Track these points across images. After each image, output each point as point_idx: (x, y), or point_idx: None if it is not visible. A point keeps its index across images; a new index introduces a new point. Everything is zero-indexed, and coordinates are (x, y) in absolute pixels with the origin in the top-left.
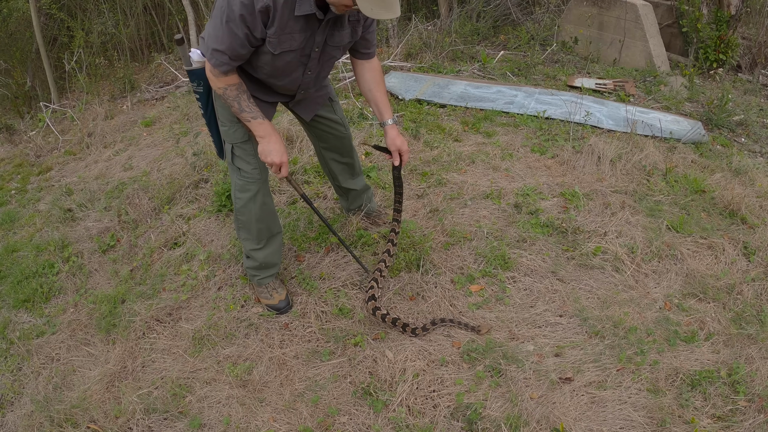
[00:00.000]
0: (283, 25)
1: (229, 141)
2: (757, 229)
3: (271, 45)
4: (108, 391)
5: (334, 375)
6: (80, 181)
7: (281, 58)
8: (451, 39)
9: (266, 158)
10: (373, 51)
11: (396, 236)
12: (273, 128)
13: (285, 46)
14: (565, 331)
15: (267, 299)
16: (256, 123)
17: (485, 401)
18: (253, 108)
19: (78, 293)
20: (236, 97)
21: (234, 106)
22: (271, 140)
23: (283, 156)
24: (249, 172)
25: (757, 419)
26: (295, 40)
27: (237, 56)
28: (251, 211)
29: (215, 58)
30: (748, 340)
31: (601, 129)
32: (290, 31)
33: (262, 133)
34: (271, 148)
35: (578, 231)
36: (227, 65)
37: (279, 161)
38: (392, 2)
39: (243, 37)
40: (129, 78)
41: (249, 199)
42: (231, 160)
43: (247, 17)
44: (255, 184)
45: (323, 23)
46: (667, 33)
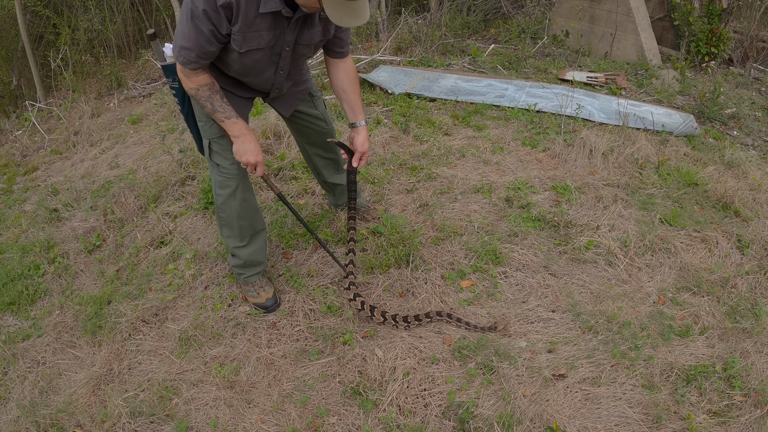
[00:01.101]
0: (249, 22)
1: (207, 136)
2: (750, 222)
3: (236, 43)
4: (94, 394)
5: (322, 374)
6: (66, 180)
7: (249, 57)
8: (441, 32)
9: (241, 158)
10: (347, 50)
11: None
12: (247, 127)
13: (252, 44)
14: (558, 326)
15: (254, 298)
16: (230, 123)
17: (477, 399)
18: (226, 108)
19: (64, 295)
20: (209, 97)
21: (207, 106)
22: (246, 140)
23: (257, 155)
24: (227, 167)
25: (754, 414)
26: (263, 38)
27: (205, 53)
28: (232, 207)
29: (183, 56)
30: (743, 333)
31: (592, 122)
32: (257, 29)
33: (237, 133)
34: (246, 147)
35: (570, 225)
36: (195, 63)
37: (254, 161)
38: (361, 9)
39: (208, 34)
40: (116, 75)
41: (229, 196)
42: (209, 155)
43: (210, 13)
44: (234, 180)
45: (293, 21)
46: (659, 26)
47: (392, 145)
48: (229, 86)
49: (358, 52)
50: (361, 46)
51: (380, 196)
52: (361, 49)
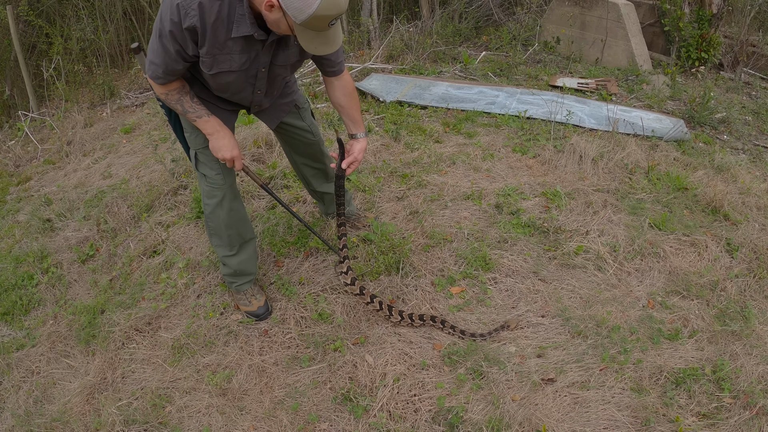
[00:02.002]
0: (219, 45)
1: (193, 147)
2: (740, 226)
3: (205, 65)
4: (88, 403)
5: (314, 381)
6: (59, 190)
7: (220, 78)
8: (432, 40)
9: (217, 154)
10: (339, 68)
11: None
12: (220, 124)
13: (223, 66)
14: (547, 331)
15: (246, 306)
16: (202, 121)
17: (467, 404)
18: (197, 107)
19: (57, 304)
20: (179, 99)
21: (178, 108)
22: (220, 136)
23: (233, 150)
24: (213, 177)
25: (743, 416)
26: (234, 61)
27: (172, 71)
28: (219, 217)
29: (152, 71)
30: (732, 336)
31: (583, 128)
32: (229, 52)
33: (210, 130)
34: (221, 143)
35: (560, 230)
36: (163, 78)
37: (230, 156)
38: (333, 37)
39: (175, 54)
40: (108, 84)
41: (216, 205)
42: (196, 166)
43: (176, 34)
44: (220, 189)
45: (267, 44)
46: (650, 32)
47: (383, 153)
48: (212, 99)
49: (351, 60)
50: (353, 54)
51: (371, 204)
52: (353, 58)
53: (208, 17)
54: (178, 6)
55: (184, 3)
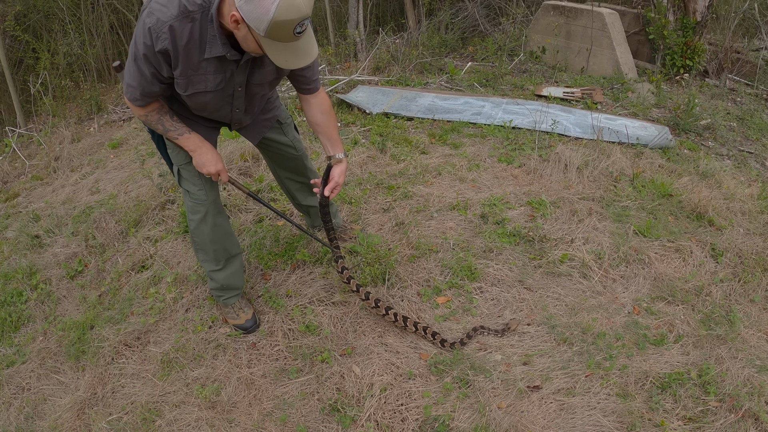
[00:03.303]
0: (193, 66)
1: (176, 163)
2: (724, 231)
3: (180, 87)
4: (79, 418)
5: (302, 393)
6: (47, 206)
7: (197, 98)
8: (418, 51)
9: (202, 170)
10: (314, 86)
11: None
12: (201, 140)
13: (199, 87)
14: (533, 339)
15: (233, 319)
16: (184, 139)
17: (453, 413)
18: (177, 125)
19: (47, 321)
20: (158, 120)
21: (159, 128)
22: (203, 151)
23: (217, 164)
24: (195, 193)
25: (728, 419)
26: (209, 81)
27: (149, 93)
28: (204, 232)
29: (129, 93)
30: (718, 340)
31: (568, 137)
32: (203, 72)
33: (192, 147)
34: (204, 159)
35: (545, 239)
36: (141, 100)
37: (215, 170)
38: (305, 48)
39: (150, 76)
40: (96, 99)
41: (200, 221)
42: (179, 182)
43: (150, 57)
44: (203, 205)
45: (242, 64)
46: (635, 40)
47: (369, 165)
48: (193, 117)
49: (337, 72)
50: (339, 66)
51: (357, 216)
52: (339, 70)
53: (179, 40)
54: (149, 29)
55: (155, 26)
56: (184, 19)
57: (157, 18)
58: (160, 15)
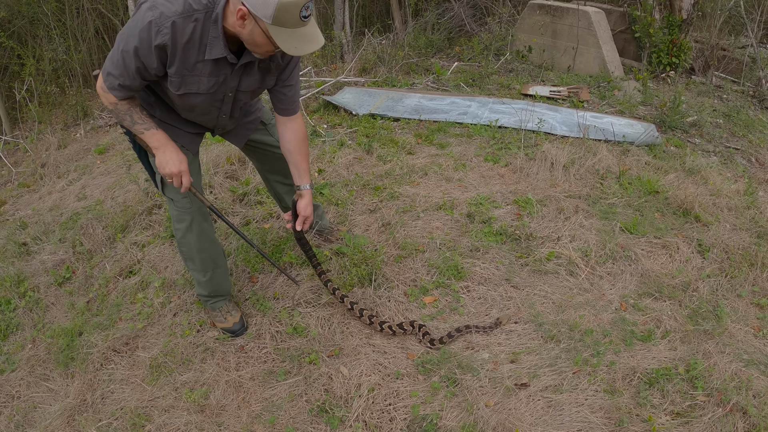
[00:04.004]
0: (189, 66)
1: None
2: (711, 227)
3: (173, 85)
4: (69, 425)
5: (290, 394)
6: (34, 213)
7: (187, 99)
8: (405, 52)
9: (163, 170)
10: (294, 109)
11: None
12: (167, 138)
13: (191, 88)
14: (520, 337)
15: (221, 322)
16: (149, 134)
17: (441, 412)
18: (146, 119)
19: (36, 328)
20: (128, 110)
21: (126, 119)
22: (166, 150)
23: (180, 164)
24: (179, 201)
25: (716, 413)
26: (203, 83)
27: (129, 86)
28: (191, 241)
29: (109, 81)
30: (705, 335)
31: (554, 135)
32: (198, 74)
33: (156, 144)
34: (167, 158)
35: (532, 237)
36: (119, 91)
37: (177, 170)
38: (312, 34)
39: (134, 70)
40: (82, 105)
41: (186, 229)
42: (162, 189)
43: (141, 51)
44: (188, 213)
45: (236, 68)
46: (621, 39)
47: (356, 166)
48: (177, 123)
49: (323, 74)
50: (326, 68)
51: (344, 217)
52: (326, 72)
53: (180, 37)
54: (150, 23)
55: (157, 20)
56: (188, 18)
57: (161, 12)
58: (164, 9)
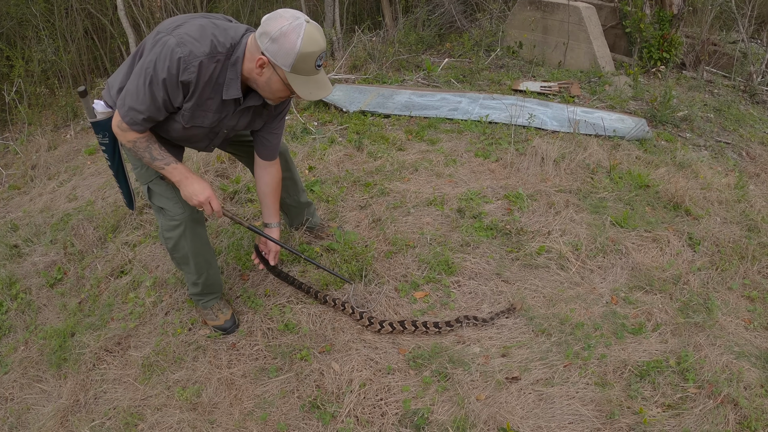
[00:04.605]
0: (201, 102)
1: (144, 181)
2: (701, 220)
3: (184, 118)
4: (62, 426)
5: (282, 391)
6: (25, 215)
7: (191, 131)
8: (395, 49)
9: (192, 201)
10: (274, 155)
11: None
12: (188, 170)
13: (197, 121)
14: (511, 331)
15: (213, 320)
16: (170, 168)
17: (432, 406)
18: (164, 155)
19: (28, 330)
20: (147, 147)
21: (146, 157)
22: (190, 182)
23: (205, 191)
24: (171, 208)
25: (707, 405)
26: (207, 118)
27: (151, 119)
28: (185, 248)
29: (130, 117)
30: (696, 328)
31: (545, 131)
32: (206, 109)
33: (179, 177)
34: (193, 189)
35: (522, 232)
36: (141, 126)
37: (204, 198)
38: (325, 82)
39: (161, 103)
40: (71, 106)
41: (180, 237)
42: (150, 198)
43: (169, 83)
44: (180, 221)
45: (238, 109)
46: (612, 34)
47: (346, 163)
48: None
49: None
50: None
51: (334, 214)
52: None
53: (203, 76)
54: (179, 59)
55: (186, 58)
56: (212, 59)
57: (190, 50)
58: (193, 48)
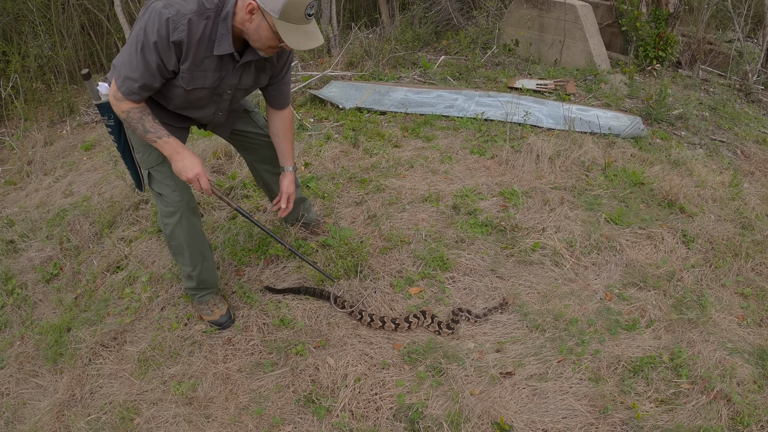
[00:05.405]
0: (198, 62)
1: (145, 166)
2: (695, 218)
3: (184, 80)
4: (58, 420)
5: (277, 385)
6: (21, 211)
7: (193, 94)
8: (391, 46)
9: (182, 176)
10: (286, 102)
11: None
12: (180, 144)
13: (198, 83)
14: (505, 327)
15: (209, 315)
16: (162, 142)
17: (427, 401)
18: (157, 128)
19: (24, 325)
20: (140, 119)
21: (138, 128)
22: (181, 156)
23: (196, 167)
24: (169, 195)
25: (700, 400)
26: (208, 78)
27: (148, 87)
28: (180, 236)
29: (126, 86)
30: (689, 324)
31: (540, 128)
32: (204, 69)
33: (170, 152)
34: (184, 164)
35: (517, 228)
36: (137, 94)
37: (193, 175)
38: (314, 32)
39: (155, 68)
40: (68, 101)
41: (176, 224)
42: (150, 184)
43: (160, 46)
44: (177, 208)
45: (238, 66)
46: (608, 32)
47: (342, 160)
48: (166, 118)
49: (310, 68)
50: (312, 62)
51: (330, 210)
52: (312, 66)
53: (194, 34)
54: (167, 20)
55: (174, 17)
56: (201, 16)
57: (177, 10)
58: (180, 8)
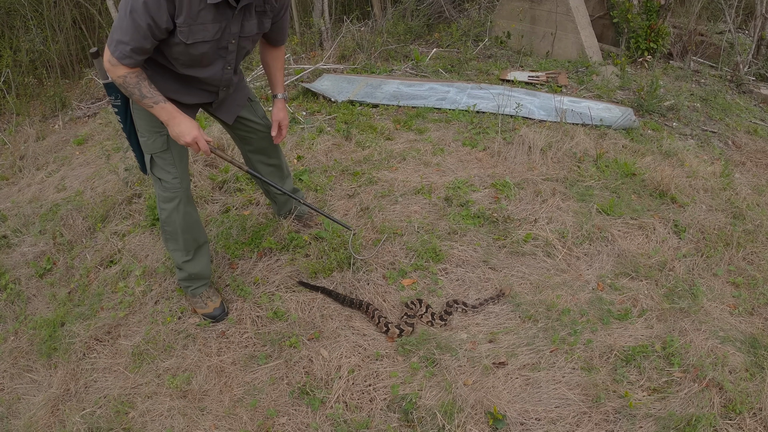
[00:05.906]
0: (193, 14)
1: (148, 151)
2: (687, 208)
3: (183, 35)
4: (53, 415)
5: (271, 378)
6: (14, 206)
7: (195, 48)
8: (383, 39)
9: (180, 141)
10: (284, 39)
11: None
12: (177, 110)
13: (198, 36)
14: (498, 317)
15: (202, 308)
16: (159, 107)
17: (420, 391)
18: (154, 93)
19: (17, 320)
20: (136, 83)
21: (135, 93)
22: (178, 121)
23: (193, 131)
24: (170, 181)
25: (693, 388)
26: (208, 30)
27: (140, 49)
28: (176, 221)
29: (119, 51)
30: (681, 313)
31: (532, 120)
32: (202, 21)
33: (166, 117)
34: (181, 128)
35: (509, 220)
36: (130, 58)
37: (191, 139)
38: None
39: (146, 28)
40: (60, 96)
41: (173, 210)
42: (151, 169)
43: (150, 6)
44: (176, 193)
45: (237, 12)
46: (599, 24)
47: (334, 152)
48: (174, 93)
49: (303, 61)
50: (305, 55)
51: (323, 203)
52: (305, 59)
53: None
54: None
55: None
56: None
57: None
58: None
